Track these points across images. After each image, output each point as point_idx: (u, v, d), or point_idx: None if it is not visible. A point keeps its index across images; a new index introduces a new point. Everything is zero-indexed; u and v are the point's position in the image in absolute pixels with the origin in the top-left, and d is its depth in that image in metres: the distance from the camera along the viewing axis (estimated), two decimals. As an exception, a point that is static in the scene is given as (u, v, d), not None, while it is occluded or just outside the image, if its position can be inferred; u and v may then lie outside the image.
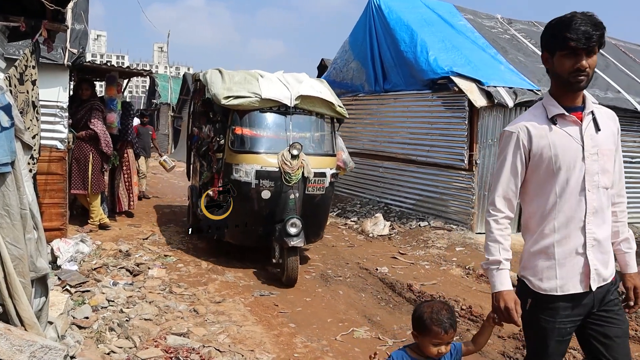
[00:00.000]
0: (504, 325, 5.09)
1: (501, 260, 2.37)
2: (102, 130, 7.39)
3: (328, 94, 6.74)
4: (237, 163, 6.15)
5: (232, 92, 6.22)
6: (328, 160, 6.57)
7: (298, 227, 5.86)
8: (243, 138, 6.37)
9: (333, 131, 6.93)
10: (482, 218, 8.78)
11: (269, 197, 6.08)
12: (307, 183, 6.20)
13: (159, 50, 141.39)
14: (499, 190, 2.43)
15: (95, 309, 4.64)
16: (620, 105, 9.60)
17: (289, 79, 6.74)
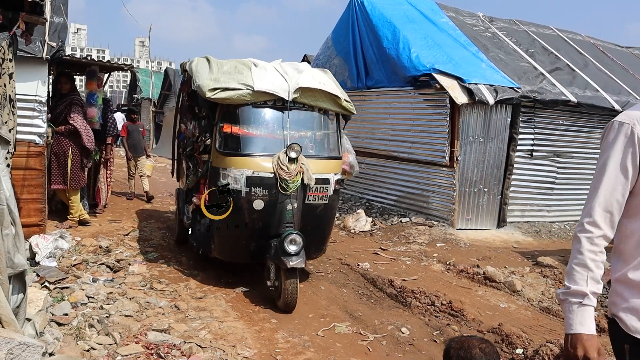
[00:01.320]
0: (483, 319, 5.20)
1: (587, 293, 1.83)
2: (82, 126, 7.30)
3: (332, 86, 5.78)
4: (225, 167, 5.26)
5: (219, 83, 5.29)
6: (332, 164, 5.66)
7: (298, 244, 5.01)
8: (232, 138, 5.47)
9: (338, 129, 5.97)
10: (462, 214, 8.88)
11: (262, 208, 5.19)
12: (308, 191, 5.31)
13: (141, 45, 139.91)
14: (600, 199, 1.87)
15: (74, 306, 4.61)
16: (598, 103, 9.77)
17: (287, 68, 5.80)
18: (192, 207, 6.09)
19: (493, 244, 8.32)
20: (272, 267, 5.16)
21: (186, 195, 6.66)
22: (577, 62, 11.37)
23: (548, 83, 9.66)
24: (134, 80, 29.56)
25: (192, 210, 6.10)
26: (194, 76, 5.76)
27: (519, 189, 9.35)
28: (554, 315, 5.58)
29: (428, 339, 4.72)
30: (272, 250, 5.11)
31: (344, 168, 6.03)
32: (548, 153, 9.59)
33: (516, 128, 9.02)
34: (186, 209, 6.46)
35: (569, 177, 9.93)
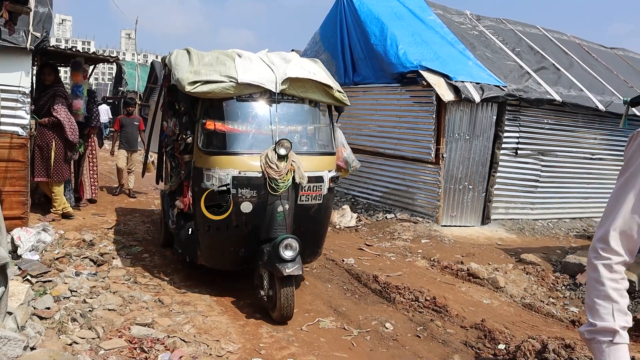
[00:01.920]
0: (466, 315, 5.25)
1: (617, 329, 1.57)
2: (65, 118, 7.22)
3: (324, 76, 5.36)
4: (209, 167, 4.86)
5: (199, 76, 4.89)
6: (326, 161, 5.29)
7: (294, 249, 4.58)
8: (216, 135, 5.06)
9: (331, 123, 5.57)
10: (447, 211, 8.94)
11: (251, 211, 4.82)
12: (300, 191, 4.96)
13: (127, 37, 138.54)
14: (618, 222, 1.63)
15: (57, 300, 4.57)
16: (583, 103, 9.88)
17: (274, 58, 5.37)
18: (176, 210, 5.77)
19: (477, 241, 8.39)
20: (265, 275, 4.77)
21: (170, 198, 6.27)
22: (563, 61, 11.48)
23: (533, 82, 9.75)
24: (120, 72, 29.27)
25: (177, 214, 5.76)
26: (173, 69, 5.37)
27: (503, 187, 9.43)
28: (536, 312, 5.65)
29: (412, 334, 4.76)
30: (265, 256, 4.71)
31: (339, 164, 5.68)
32: (532, 151, 9.68)
33: (501, 126, 9.09)
34: (170, 213, 6.09)
35: (552, 176, 10.04)
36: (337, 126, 5.76)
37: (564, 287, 6.34)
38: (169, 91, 6.21)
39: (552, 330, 5.06)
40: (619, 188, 1.67)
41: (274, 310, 4.68)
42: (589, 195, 10.63)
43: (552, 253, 7.79)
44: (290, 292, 4.58)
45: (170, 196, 6.25)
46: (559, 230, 9.72)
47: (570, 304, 5.92)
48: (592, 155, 10.46)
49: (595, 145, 10.49)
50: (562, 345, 4.02)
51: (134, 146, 10.22)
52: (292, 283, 4.62)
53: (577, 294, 6.15)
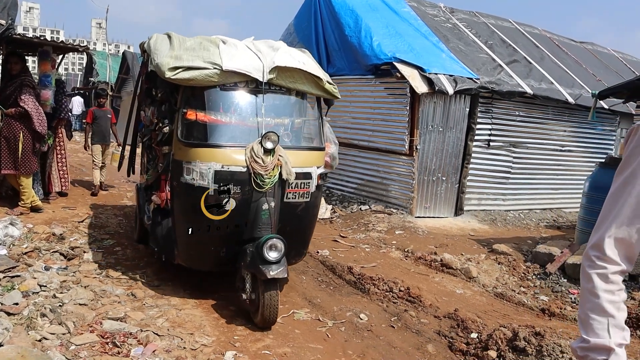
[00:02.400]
0: (440, 305, 5.31)
1: (612, 347, 1.40)
2: (33, 108, 7.03)
3: (313, 66, 5.09)
4: (189, 160, 4.53)
5: (181, 61, 4.54)
6: (314, 156, 4.99)
7: (279, 251, 4.32)
8: (197, 126, 4.72)
9: (320, 116, 5.28)
10: (421, 202, 9.02)
11: (234, 208, 4.52)
12: (287, 187, 4.69)
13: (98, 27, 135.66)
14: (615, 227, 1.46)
15: (25, 295, 4.46)
16: (553, 95, 10.05)
17: (260, 46, 5.05)
18: (152, 206, 5.49)
19: (450, 232, 8.49)
20: (247, 277, 4.49)
21: (146, 193, 5.99)
22: (534, 55, 11.64)
23: (505, 75, 9.87)
24: (90, 62, 28.67)
25: (153, 209, 5.47)
26: (152, 54, 4.94)
27: (476, 178, 9.55)
28: (508, 301, 5.75)
29: (386, 324, 4.79)
30: (248, 257, 4.43)
31: (326, 160, 5.32)
32: (504, 143, 9.82)
33: (474, 118, 9.19)
34: (146, 208, 5.78)
35: (524, 167, 10.21)
36: (326, 120, 5.46)
37: (535, 277, 6.46)
38: (147, 78, 5.89)
39: (523, 319, 5.16)
40: (617, 189, 1.50)
41: (257, 314, 4.40)
42: (559, 186, 10.85)
43: (523, 243, 7.93)
44: (274, 296, 4.30)
45: (147, 190, 5.96)
46: (530, 221, 9.89)
47: (540, 293, 6.04)
48: (561, 147, 10.66)
49: (565, 137, 10.69)
50: (533, 333, 4.11)
51: (107, 140, 9.78)
52: (277, 286, 4.35)
53: (547, 283, 6.27)
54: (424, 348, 4.38)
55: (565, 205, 10.99)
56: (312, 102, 5.31)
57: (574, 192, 10.63)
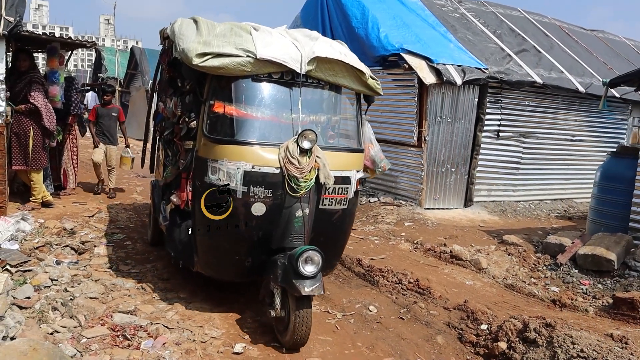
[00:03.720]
0: (449, 297, 5.29)
1: None
2: (43, 105, 7.07)
3: (355, 59, 4.62)
4: (216, 158, 4.11)
5: (210, 47, 4.10)
6: (353, 159, 4.53)
7: (316, 264, 3.87)
8: (225, 120, 4.27)
9: (359, 114, 4.78)
10: (430, 193, 8.99)
11: (264, 214, 4.08)
12: (323, 193, 4.22)
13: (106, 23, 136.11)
14: None
15: (37, 289, 4.51)
16: (563, 85, 9.95)
17: (296, 34, 4.59)
18: (170, 206, 5.13)
19: (460, 223, 8.45)
20: (277, 292, 4.03)
21: (163, 191, 5.62)
22: (543, 44, 11.52)
23: (514, 64, 9.78)
24: (99, 58, 28.80)
25: (170, 210, 5.12)
26: (176, 40, 4.45)
27: (485, 169, 9.49)
28: (518, 292, 5.72)
29: (395, 316, 4.79)
30: (279, 270, 3.99)
31: (365, 163, 4.94)
32: (514, 133, 9.75)
33: (483, 108, 9.12)
34: (162, 208, 5.43)
35: (534, 158, 10.13)
36: (365, 119, 4.96)
37: (545, 268, 6.42)
38: (169, 66, 5.43)
39: (533, 310, 5.13)
40: None
41: (285, 333, 3.98)
42: (570, 176, 10.76)
43: (534, 234, 7.89)
44: (308, 315, 3.86)
45: (164, 189, 5.58)
46: (540, 212, 9.83)
47: (551, 284, 6.00)
48: (572, 136, 10.56)
49: (576, 126, 10.59)
50: (543, 324, 4.09)
51: (113, 140, 8.94)
52: (310, 304, 3.93)
53: (558, 274, 6.23)
54: (433, 340, 4.38)
55: (576, 196, 10.90)
56: (351, 98, 4.87)
57: (585, 182, 10.54)
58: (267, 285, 4.16)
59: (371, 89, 4.73)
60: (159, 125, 6.07)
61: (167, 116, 5.51)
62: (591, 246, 6.39)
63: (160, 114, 6.00)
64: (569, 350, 3.69)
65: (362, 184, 4.71)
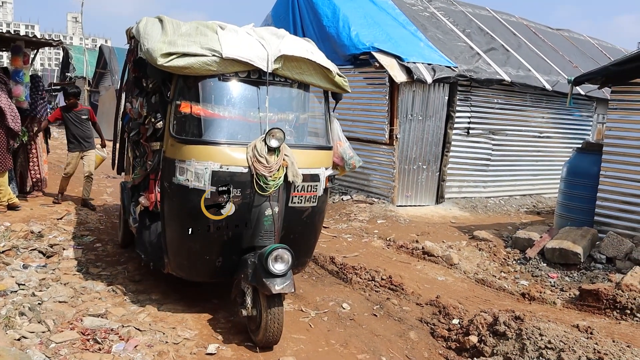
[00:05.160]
0: (422, 292, 5.35)
1: None
2: (6, 105, 6.89)
3: (322, 57, 4.64)
4: (183, 159, 4.06)
5: (175, 47, 4.06)
6: (322, 156, 4.54)
7: (286, 262, 3.87)
8: (192, 120, 4.23)
9: (327, 112, 4.80)
10: (402, 191, 9.07)
11: (234, 213, 4.08)
12: (292, 191, 4.24)
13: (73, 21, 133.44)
14: None
15: (3, 294, 4.41)
16: (531, 82, 10.14)
17: (263, 33, 4.55)
18: (139, 208, 5.08)
19: (432, 220, 8.55)
20: (248, 291, 4.03)
21: (132, 193, 5.56)
22: (511, 42, 11.73)
23: (483, 62, 9.93)
24: (67, 58, 28.27)
25: (140, 212, 5.08)
26: (141, 39, 4.40)
27: (456, 166, 9.62)
28: (489, 287, 5.82)
29: (368, 313, 4.83)
30: (249, 269, 3.98)
31: (334, 161, 4.93)
32: (484, 131, 9.90)
33: (453, 106, 9.24)
34: (132, 209, 5.38)
35: (503, 154, 10.31)
36: (334, 116, 4.99)
37: (515, 262, 6.55)
38: (135, 66, 5.35)
39: (503, 304, 5.23)
40: None
41: (257, 332, 3.98)
42: (538, 172, 10.98)
43: (504, 229, 8.03)
44: (279, 313, 3.88)
45: (133, 190, 5.51)
46: (510, 207, 10.01)
47: (520, 278, 6.12)
48: (540, 133, 10.78)
49: (543, 123, 10.81)
50: (513, 317, 4.17)
51: (88, 144, 8.04)
52: (282, 302, 3.94)
53: (527, 267, 6.36)
54: (406, 335, 4.43)
55: (544, 191, 11.13)
56: (319, 96, 4.84)
57: (552, 177, 10.77)
58: (239, 284, 4.16)
59: (338, 87, 4.74)
60: (127, 126, 5.96)
61: (133, 117, 5.42)
62: (558, 240, 6.54)
63: (128, 114, 5.89)
64: (537, 341, 3.78)
65: (331, 181, 4.72)
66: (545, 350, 3.70)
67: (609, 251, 6.35)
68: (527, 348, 3.77)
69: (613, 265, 6.22)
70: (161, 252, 4.47)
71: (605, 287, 5.23)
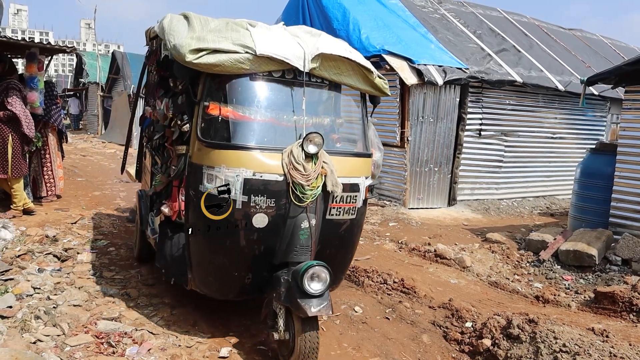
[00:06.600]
0: (434, 295, 5.32)
1: None
2: (21, 111, 6.97)
3: (361, 57, 4.28)
4: (212, 165, 3.70)
5: (205, 42, 3.72)
6: (362, 164, 4.15)
7: (324, 282, 3.49)
8: (222, 123, 3.88)
9: (365, 116, 4.46)
10: (414, 193, 9.05)
11: (266, 226, 3.70)
12: (330, 202, 3.86)
13: (87, 27, 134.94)
14: None
15: (19, 298, 4.46)
16: (543, 83, 10.08)
17: (296, 31, 4.26)
18: (159, 218, 4.72)
19: (444, 222, 8.52)
20: (280, 313, 3.67)
21: (151, 201, 5.21)
22: (523, 43, 11.66)
23: (495, 64, 9.89)
24: (80, 64, 28.55)
25: (160, 222, 4.71)
26: (166, 36, 4.03)
27: (468, 168, 9.58)
28: (502, 289, 5.78)
29: (380, 316, 4.81)
30: (282, 287, 3.61)
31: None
32: (495, 132, 9.85)
33: (465, 108, 9.21)
34: (151, 219, 5.07)
35: (516, 156, 10.25)
36: (371, 121, 4.61)
37: (528, 264, 6.50)
38: (159, 66, 5.05)
39: (517, 307, 5.19)
40: None
41: (290, 358, 3.62)
42: (552, 173, 10.90)
43: (517, 231, 7.97)
44: (314, 338, 3.52)
45: (153, 199, 5.16)
46: (523, 209, 9.94)
47: (534, 280, 6.07)
48: (553, 134, 10.70)
49: (556, 124, 10.73)
50: (526, 320, 4.13)
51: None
52: (317, 326, 3.60)
53: (541, 270, 6.31)
54: (419, 339, 4.41)
55: (558, 192, 11.04)
56: (356, 99, 4.52)
57: (566, 178, 10.68)
58: (270, 304, 3.82)
59: (378, 89, 4.37)
60: (147, 131, 5.72)
61: (157, 119, 5.09)
62: (573, 242, 6.48)
63: (148, 118, 5.64)
64: (552, 345, 3.74)
65: (370, 192, 4.40)
66: (560, 354, 3.66)
67: (624, 253, 6.28)
68: (542, 351, 3.74)
69: (629, 268, 6.15)
70: (184, 266, 4.12)
71: (621, 289, 5.17)
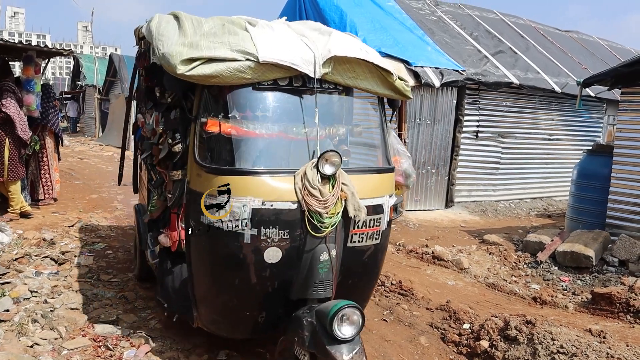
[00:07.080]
0: (432, 297, 5.32)
1: None
2: (16, 114, 6.94)
3: (378, 57, 3.67)
4: (214, 194, 3.14)
5: (199, 50, 3.14)
6: (384, 180, 3.59)
7: (356, 325, 2.93)
8: (223, 142, 3.33)
9: (384, 123, 3.83)
10: (411, 195, 9.05)
11: (279, 261, 3.18)
12: (351, 227, 3.30)
13: (84, 30, 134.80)
14: None
15: (16, 301, 4.45)
16: (539, 85, 10.11)
17: (302, 29, 3.66)
18: (159, 247, 4.21)
19: (441, 224, 8.52)
20: (304, 358, 3.07)
21: (150, 225, 4.68)
22: (519, 45, 11.70)
23: (491, 66, 9.91)
24: (78, 66, 28.55)
25: (160, 251, 4.20)
26: (155, 42, 3.45)
27: (465, 170, 9.59)
28: (499, 291, 5.79)
29: (379, 318, 4.81)
30: (306, 331, 3.03)
31: (397, 180, 4.01)
32: (492, 134, 9.87)
33: (462, 110, 9.22)
34: (150, 242, 4.62)
35: (513, 157, 10.27)
36: (391, 128, 4.05)
37: (526, 266, 6.51)
38: (147, 73, 4.46)
39: (514, 308, 5.20)
40: None
41: None
42: (548, 175, 10.92)
43: (514, 233, 7.98)
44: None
45: (150, 224, 4.64)
46: (520, 211, 9.95)
47: (531, 282, 6.08)
48: (550, 135, 10.73)
49: (553, 126, 10.76)
50: (524, 321, 4.14)
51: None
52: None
53: (538, 271, 6.32)
54: (416, 340, 4.41)
55: (555, 194, 11.07)
56: (374, 104, 3.96)
57: (563, 180, 10.71)
58: (289, 347, 3.22)
59: (399, 92, 3.78)
60: (140, 143, 5.18)
61: (146, 134, 4.49)
62: (570, 243, 6.49)
63: (140, 128, 4.94)
64: (549, 346, 3.75)
65: (395, 212, 3.81)
66: (557, 355, 3.67)
67: (621, 254, 6.30)
68: (539, 353, 3.75)
69: (626, 269, 6.16)
70: (188, 302, 3.62)
71: (618, 290, 5.18)
